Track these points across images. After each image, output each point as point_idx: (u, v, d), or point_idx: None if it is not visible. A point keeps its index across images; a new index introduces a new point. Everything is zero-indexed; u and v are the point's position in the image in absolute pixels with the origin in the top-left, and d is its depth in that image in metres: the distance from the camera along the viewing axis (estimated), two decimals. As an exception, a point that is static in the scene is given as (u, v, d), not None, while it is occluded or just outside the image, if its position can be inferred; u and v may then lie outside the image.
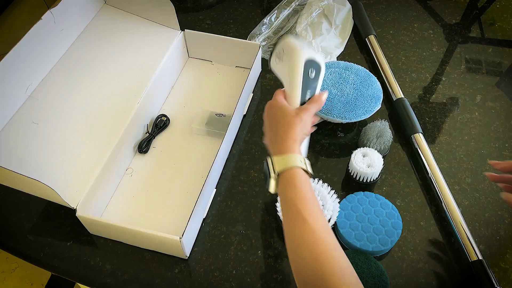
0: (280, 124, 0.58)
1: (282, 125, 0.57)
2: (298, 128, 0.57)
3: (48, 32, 0.73)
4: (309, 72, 0.60)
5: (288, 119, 0.57)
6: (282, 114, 0.59)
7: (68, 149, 0.68)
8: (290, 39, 0.62)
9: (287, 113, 0.58)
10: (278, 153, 0.55)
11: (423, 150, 0.75)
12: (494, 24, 1.00)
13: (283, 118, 0.58)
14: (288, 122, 0.57)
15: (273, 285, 0.64)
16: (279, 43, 0.63)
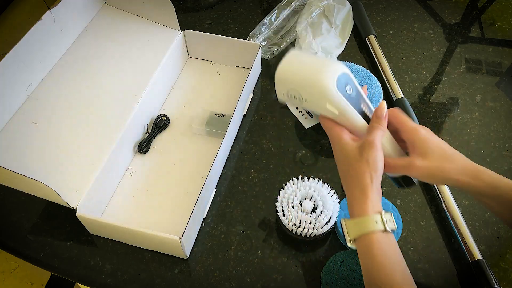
0: (346, 173, 0.49)
1: (349, 175, 0.49)
2: (366, 177, 0.47)
3: (48, 32, 0.73)
4: (347, 90, 0.46)
5: (352, 166, 0.48)
6: (345, 160, 0.49)
7: (68, 149, 0.68)
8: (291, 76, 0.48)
9: (349, 157, 0.48)
10: (351, 215, 0.48)
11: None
12: (494, 24, 1.00)
13: (347, 165, 0.49)
14: (353, 171, 0.48)
15: (273, 285, 0.64)
16: (281, 82, 0.49)
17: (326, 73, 0.44)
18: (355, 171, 0.48)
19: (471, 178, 0.49)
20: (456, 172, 0.49)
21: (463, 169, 0.49)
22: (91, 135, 0.70)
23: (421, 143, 0.50)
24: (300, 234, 0.65)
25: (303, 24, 0.94)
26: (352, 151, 0.48)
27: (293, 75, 0.47)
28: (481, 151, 0.78)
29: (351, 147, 0.49)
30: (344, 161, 0.49)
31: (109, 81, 0.77)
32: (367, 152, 0.47)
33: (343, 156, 0.49)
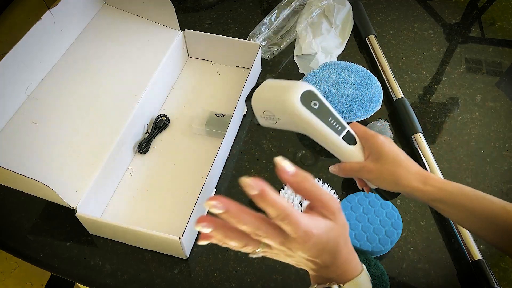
0: (327, 254, 0.43)
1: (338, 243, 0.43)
2: (348, 238, 0.45)
3: (48, 32, 0.73)
4: (312, 105, 0.49)
5: (339, 236, 0.43)
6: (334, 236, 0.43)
7: (68, 149, 0.68)
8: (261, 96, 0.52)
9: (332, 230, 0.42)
10: (345, 278, 0.44)
11: (423, 150, 0.75)
12: (494, 24, 1.00)
13: (324, 248, 0.42)
14: (340, 238, 0.43)
15: (273, 285, 0.64)
16: (256, 106, 0.53)
17: (291, 90, 0.48)
18: (342, 237, 0.43)
19: (421, 183, 0.52)
20: (407, 177, 0.52)
21: (414, 174, 0.52)
22: (91, 135, 0.70)
23: (376, 148, 0.53)
24: (300, 234, 0.65)
25: (303, 24, 0.94)
26: (333, 234, 0.42)
27: (265, 97, 0.52)
28: (481, 151, 0.78)
29: (329, 231, 0.42)
30: (335, 238, 0.42)
31: (109, 81, 0.77)
32: (340, 217, 0.43)
33: (330, 235, 0.42)
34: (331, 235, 0.42)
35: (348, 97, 0.77)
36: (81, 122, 0.72)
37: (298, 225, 0.40)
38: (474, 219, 0.50)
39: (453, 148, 0.78)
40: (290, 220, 0.40)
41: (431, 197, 0.52)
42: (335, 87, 0.78)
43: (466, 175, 0.75)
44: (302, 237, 0.40)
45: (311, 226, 0.40)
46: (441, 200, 0.52)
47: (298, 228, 0.40)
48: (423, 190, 0.52)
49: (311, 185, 0.43)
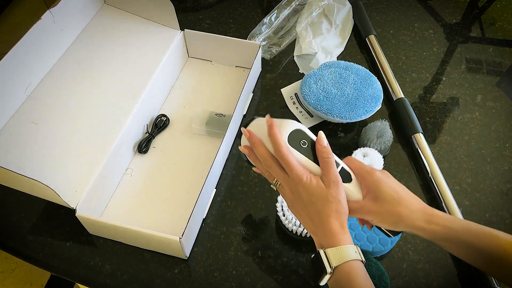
0: (314, 210, 0.50)
1: (317, 212, 0.50)
2: (343, 211, 0.49)
3: (48, 32, 0.73)
4: (300, 144, 0.52)
5: (326, 202, 0.49)
6: (318, 198, 0.50)
7: (67, 149, 0.68)
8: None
9: (316, 194, 0.50)
10: (327, 245, 0.49)
11: (423, 150, 0.75)
12: (495, 24, 1.00)
13: (320, 202, 0.50)
14: (327, 206, 0.49)
15: (273, 285, 0.64)
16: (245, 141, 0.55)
17: (279, 130, 0.52)
18: (331, 205, 0.49)
19: (425, 222, 0.50)
20: (409, 216, 0.50)
21: (417, 213, 0.50)
22: (91, 135, 0.70)
23: (374, 187, 0.51)
24: (300, 234, 0.65)
25: (303, 24, 0.94)
26: (318, 188, 0.50)
27: (257, 134, 0.54)
28: (481, 151, 0.78)
29: (316, 184, 0.50)
30: (315, 199, 0.50)
31: (109, 81, 0.77)
32: (338, 193, 0.50)
33: (312, 194, 0.50)
34: (319, 195, 0.50)
35: (348, 97, 0.77)
36: (81, 122, 0.72)
37: (292, 167, 0.50)
38: (481, 256, 0.49)
39: (453, 148, 0.78)
40: (283, 156, 0.50)
41: (436, 236, 0.50)
42: (335, 87, 0.78)
43: (466, 175, 0.75)
44: (294, 178, 0.50)
45: (302, 173, 0.50)
46: (446, 239, 0.50)
47: (291, 169, 0.50)
48: (427, 230, 0.49)
49: (328, 155, 0.51)
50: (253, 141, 0.53)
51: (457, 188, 0.73)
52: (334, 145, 0.79)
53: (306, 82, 0.80)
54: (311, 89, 0.78)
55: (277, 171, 0.52)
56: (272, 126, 0.51)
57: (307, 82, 0.79)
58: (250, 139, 0.53)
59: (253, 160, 0.55)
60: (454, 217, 0.51)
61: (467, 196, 0.72)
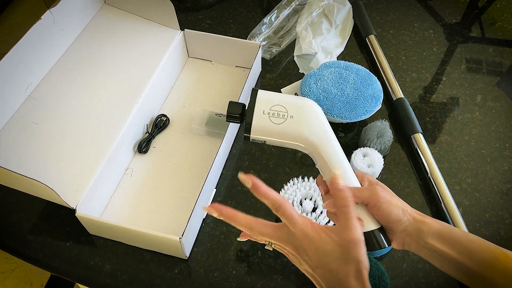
0: (328, 271, 0.43)
1: (331, 273, 0.42)
2: (353, 272, 0.42)
3: (48, 32, 0.73)
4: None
5: (334, 263, 0.42)
6: (323, 257, 0.42)
7: (67, 149, 0.68)
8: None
9: (327, 254, 0.42)
10: None
11: (423, 150, 0.75)
12: (495, 24, 1.00)
13: (325, 263, 0.42)
14: (338, 267, 0.42)
15: (273, 285, 0.63)
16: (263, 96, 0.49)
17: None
18: (350, 266, 0.42)
19: (422, 216, 0.47)
20: (409, 209, 0.48)
21: (413, 209, 0.48)
22: (91, 135, 0.70)
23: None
24: (300, 234, 0.65)
25: (303, 24, 0.94)
26: (336, 252, 0.42)
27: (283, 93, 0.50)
28: (481, 151, 0.78)
29: (330, 243, 0.42)
30: (328, 259, 0.42)
31: (109, 81, 0.77)
32: (357, 251, 0.42)
33: (324, 255, 0.42)
34: (331, 255, 0.42)
35: (348, 97, 0.77)
36: (81, 122, 0.72)
37: (292, 216, 0.43)
38: (472, 263, 0.46)
39: (453, 148, 0.78)
40: (284, 210, 0.43)
41: (431, 230, 0.47)
42: (335, 87, 0.78)
43: (467, 175, 0.75)
44: (299, 230, 0.42)
45: (308, 226, 0.43)
46: (440, 236, 0.47)
47: (292, 218, 0.42)
48: (425, 222, 0.47)
49: (346, 203, 0.43)
50: (226, 215, 0.44)
51: (457, 188, 0.73)
52: (334, 145, 0.79)
53: (306, 82, 0.80)
54: (311, 89, 0.78)
55: (270, 233, 0.44)
56: (258, 185, 0.43)
57: (307, 82, 0.79)
58: (222, 215, 0.44)
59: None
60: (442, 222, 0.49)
61: (467, 196, 0.72)
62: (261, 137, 0.48)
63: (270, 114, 0.47)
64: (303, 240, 0.43)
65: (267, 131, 0.48)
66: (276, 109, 0.47)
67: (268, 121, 0.47)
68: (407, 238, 0.48)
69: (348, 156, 0.73)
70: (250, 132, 0.48)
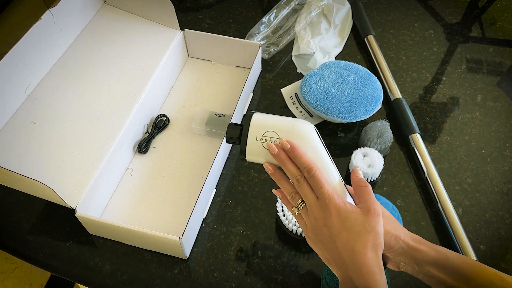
0: (346, 239, 0.44)
1: (350, 241, 0.44)
2: (370, 244, 0.43)
3: (48, 32, 0.73)
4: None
5: (354, 230, 0.44)
6: (344, 222, 0.44)
7: (67, 149, 0.68)
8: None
9: (351, 219, 0.44)
10: (367, 285, 0.42)
11: (420, 150, 0.74)
12: (495, 24, 0.99)
13: (346, 229, 0.44)
14: (356, 235, 0.44)
15: (273, 285, 0.63)
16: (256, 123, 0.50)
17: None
18: (368, 236, 0.44)
19: (417, 243, 0.48)
20: (403, 235, 0.48)
21: (409, 234, 0.49)
22: (91, 134, 0.70)
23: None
24: (300, 234, 0.65)
25: (302, 24, 0.94)
26: (356, 215, 0.45)
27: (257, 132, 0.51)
28: (481, 151, 0.78)
29: (353, 210, 0.45)
30: (350, 224, 0.44)
31: (109, 81, 0.77)
32: (377, 223, 0.44)
33: (346, 219, 0.44)
34: (354, 221, 0.44)
35: (348, 97, 0.77)
36: (81, 122, 0.72)
37: (321, 180, 0.46)
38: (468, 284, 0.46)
39: (453, 148, 0.78)
40: (315, 173, 0.46)
41: (427, 259, 0.47)
42: (335, 87, 0.78)
43: (467, 175, 0.75)
44: (325, 198, 0.45)
45: (333, 193, 0.46)
46: (437, 263, 0.47)
47: (321, 182, 0.46)
48: (420, 250, 0.47)
49: (365, 184, 0.48)
50: (282, 158, 0.48)
51: (457, 188, 0.73)
52: (334, 145, 0.79)
53: (306, 82, 0.79)
54: (311, 89, 0.78)
55: (308, 190, 0.47)
56: (295, 147, 0.47)
57: (307, 82, 0.79)
58: (278, 156, 0.48)
59: (277, 179, 0.50)
60: (437, 245, 0.49)
61: (467, 196, 0.72)
62: (256, 160, 0.51)
63: (263, 140, 0.50)
64: (329, 204, 0.45)
65: (261, 155, 0.51)
66: (269, 135, 0.50)
67: (261, 147, 0.50)
68: (402, 262, 0.49)
69: (348, 156, 0.73)
70: (245, 156, 0.51)
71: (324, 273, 0.62)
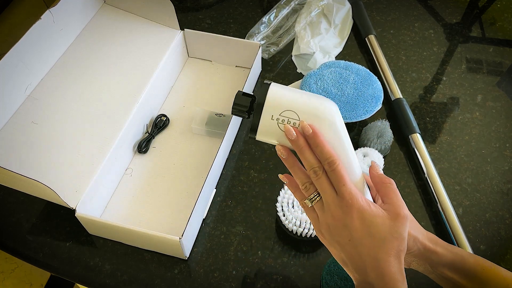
0: (369, 244, 0.41)
1: (373, 247, 0.40)
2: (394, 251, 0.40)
3: (48, 31, 0.73)
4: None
5: (379, 236, 0.41)
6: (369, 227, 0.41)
7: (67, 149, 0.68)
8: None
9: (377, 225, 0.41)
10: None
11: (420, 150, 0.74)
12: (495, 24, 0.99)
13: (370, 235, 0.41)
14: (381, 242, 0.40)
15: (273, 285, 0.63)
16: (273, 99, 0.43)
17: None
18: (393, 243, 0.40)
19: (434, 244, 0.46)
20: (422, 236, 0.46)
21: (426, 235, 0.47)
22: (91, 135, 0.70)
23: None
24: (300, 234, 0.65)
25: (302, 23, 0.94)
26: (383, 220, 0.41)
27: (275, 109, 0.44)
28: (481, 151, 0.78)
29: (380, 214, 0.41)
30: (375, 231, 0.41)
31: (109, 81, 0.77)
32: (404, 229, 0.41)
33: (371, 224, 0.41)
34: (380, 227, 0.40)
35: (348, 97, 0.77)
36: (81, 122, 0.72)
37: (343, 176, 0.41)
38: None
39: (453, 148, 0.78)
40: (337, 167, 0.41)
41: (442, 260, 0.46)
42: (336, 87, 0.78)
43: (467, 175, 0.75)
44: (346, 197, 0.40)
45: (357, 193, 0.41)
46: (453, 266, 0.46)
47: (343, 178, 0.41)
48: (436, 252, 0.46)
49: (389, 181, 0.44)
50: (300, 144, 0.42)
51: (457, 188, 0.73)
52: (334, 145, 0.79)
53: (306, 82, 0.79)
54: (311, 89, 0.78)
55: (328, 185, 0.42)
56: (318, 134, 0.42)
57: (307, 82, 0.79)
58: (296, 141, 0.42)
59: (291, 165, 0.45)
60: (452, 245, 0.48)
61: (467, 196, 0.72)
62: (267, 141, 0.45)
63: (279, 120, 0.43)
64: (352, 205, 0.41)
65: (275, 137, 0.44)
66: (287, 115, 0.42)
67: (276, 128, 0.43)
68: (414, 262, 0.48)
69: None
70: (255, 134, 0.44)
71: (324, 273, 0.62)
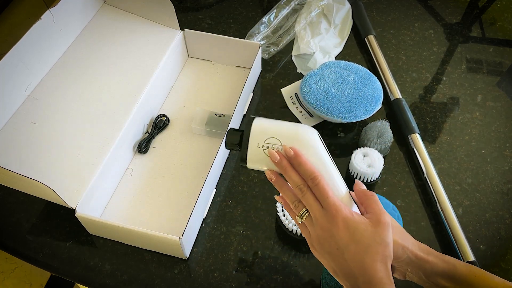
0: (355, 251, 0.43)
1: (359, 253, 0.42)
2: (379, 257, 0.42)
3: (48, 31, 0.73)
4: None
5: (364, 242, 0.43)
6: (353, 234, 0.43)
7: (67, 149, 0.68)
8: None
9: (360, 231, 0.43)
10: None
11: (420, 150, 0.74)
12: (495, 24, 0.99)
13: (355, 241, 0.43)
14: (366, 247, 0.42)
15: (273, 285, 0.63)
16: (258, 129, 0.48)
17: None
18: (378, 248, 0.42)
19: (425, 254, 0.47)
20: (411, 245, 0.47)
21: (417, 244, 0.48)
22: (91, 135, 0.70)
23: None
24: (300, 234, 0.65)
25: (302, 23, 0.94)
26: (364, 226, 0.43)
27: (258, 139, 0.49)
28: (481, 151, 0.78)
29: (362, 222, 0.43)
30: (359, 237, 0.43)
31: (109, 81, 0.77)
32: (387, 234, 0.43)
33: (355, 231, 0.43)
34: (364, 233, 0.43)
35: (348, 97, 0.77)
36: (81, 122, 0.72)
37: (327, 193, 0.44)
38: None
39: (453, 148, 0.78)
40: (319, 182, 0.44)
41: (435, 270, 0.47)
42: (336, 87, 0.78)
43: (467, 175, 0.75)
44: (331, 209, 0.43)
45: (340, 204, 0.44)
46: (445, 274, 0.47)
47: (327, 195, 0.44)
48: (428, 261, 0.47)
49: (372, 193, 0.47)
50: (283, 165, 0.46)
51: (457, 188, 0.73)
52: (334, 145, 0.79)
53: (306, 82, 0.79)
54: (311, 89, 0.78)
55: (313, 200, 0.45)
56: (298, 154, 0.45)
57: (307, 82, 0.79)
58: (280, 163, 0.46)
59: (280, 186, 0.48)
60: (445, 255, 0.49)
61: (467, 196, 0.72)
62: (258, 167, 0.49)
63: (264, 147, 0.48)
64: (336, 216, 0.43)
65: (263, 163, 0.48)
66: (270, 142, 0.47)
67: (263, 154, 0.48)
68: (409, 272, 0.48)
69: (348, 156, 0.73)
70: (246, 163, 0.49)
71: (324, 273, 0.62)
